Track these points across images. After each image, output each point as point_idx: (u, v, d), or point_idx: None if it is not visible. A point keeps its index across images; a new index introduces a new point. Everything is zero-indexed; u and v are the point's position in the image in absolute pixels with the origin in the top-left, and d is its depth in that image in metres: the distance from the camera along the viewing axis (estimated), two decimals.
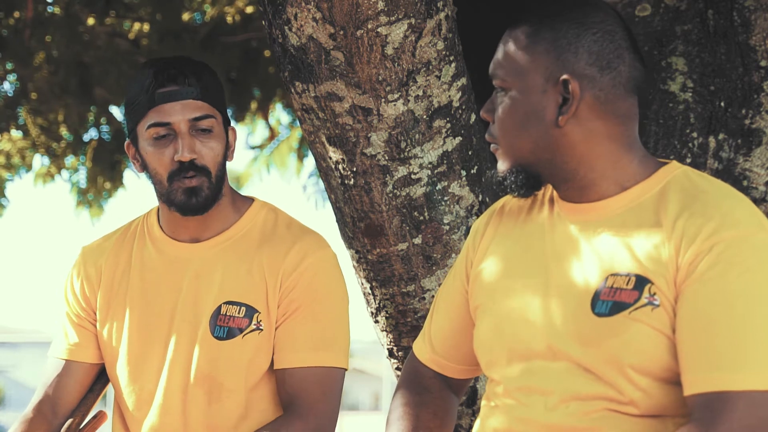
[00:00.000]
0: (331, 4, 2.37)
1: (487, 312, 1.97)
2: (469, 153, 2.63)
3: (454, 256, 2.66)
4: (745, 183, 2.71)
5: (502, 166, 1.93)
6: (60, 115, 5.37)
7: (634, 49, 1.89)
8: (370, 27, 2.41)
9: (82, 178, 5.76)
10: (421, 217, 2.63)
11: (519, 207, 2.03)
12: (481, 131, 2.63)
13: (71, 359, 2.49)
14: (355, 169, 2.59)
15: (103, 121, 5.60)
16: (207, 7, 5.36)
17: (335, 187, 2.66)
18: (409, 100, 2.51)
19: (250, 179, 7.33)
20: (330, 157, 2.62)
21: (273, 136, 6.76)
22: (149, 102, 2.36)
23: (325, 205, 6.90)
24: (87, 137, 5.63)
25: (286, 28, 2.45)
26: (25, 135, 5.46)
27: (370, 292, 2.79)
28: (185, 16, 5.30)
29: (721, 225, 1.76)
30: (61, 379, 2.48)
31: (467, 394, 2.77)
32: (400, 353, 2.82)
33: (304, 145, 6.51)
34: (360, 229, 2.67)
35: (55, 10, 5.14)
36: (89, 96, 5.27)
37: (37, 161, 5.78)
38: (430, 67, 2.50)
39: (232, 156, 2.47)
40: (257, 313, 2.39)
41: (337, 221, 2.77)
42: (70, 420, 2.47)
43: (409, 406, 2.09)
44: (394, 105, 2.51)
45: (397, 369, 2.86)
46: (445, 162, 2.60)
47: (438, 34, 2.48)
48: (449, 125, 2.58)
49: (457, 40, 2.56)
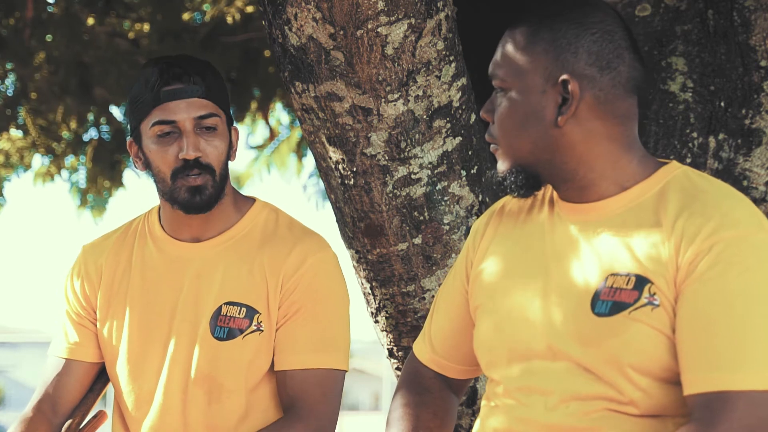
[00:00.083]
0: (331, 4, 2.37)
1: (487, 312, 1.97)
2: (469, 153, 2.63)
3: (454, 256, 2.66)
4: (745, 183, 2.71)
5: (501, 166, 1.93)
6: (60, 115, 5.37)
7: (633, 49, 1.89)
8: (370, 27, 2.41)
9: (81, 178, 5.77)
10: (421, 217, 2.63)
11: (519, 207, 2.03)
12: (481, 131, 2.63)
13: (71, 358, 2.49)
14: (355, 169, 2.59)
15: (103, 121, 5.60)
16: (207, 6, 5.36)
17: (335, 187, 2.66)
18: (409, 100, 2.51)
19: (250, 179, 7.33)
20: (330, 157, 2.62)
21: (273, 136, 6.76)
22: (154, 100, 2.36)
23: (324, 206, 6.90)
24: (87, 137, 5.64)
25: (286, 28, 2.45)
26: (25, 135, 5.46)
27: (370, 292, 2.78)
28: (185, 16, 5.29)
29: (721, 225, 1.76)
30: (61, 378, 2.48)
31: (467, 394, 2.77)
32: (400, 353, 2.82)
33: (304, 145, 6.50)
34: (360, 229, 2.67)
35: (55, 10, 5.14)
36: (89, 96, 5.26)
37: (37, 161, 5.79)
38: (430, 67, 2.50)
39: (235, 156, 2.46)
40: (258, 314, 2.38)
41: (337, 221, 2.77)
42: (70, 420, 2.47)
43: (409, 406, 2.09)
44: (394, 105, 2.51)
45: (397, 369, 2.86)
46: (445, 162, 2.60)
47: (438, 34, 2.48)
48: (449, 125, 2.58)
49: (457, 40, 2.56)
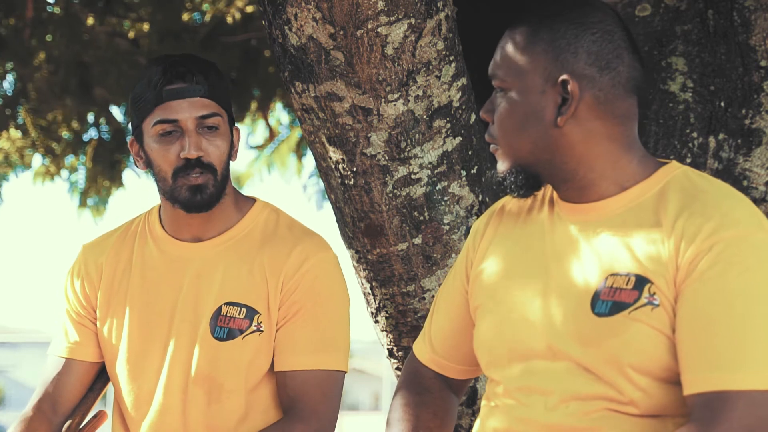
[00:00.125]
0: (331, 4, 2.37)
1: (487, 312, 1.97)
2: (469, 153, 2.63)
3: (454, 256, 2.66)
4: (745, 183, 2.71)
5: (501, 166, 1.93)
6: (59, 115, 5.36)
7: (633, 49, 1.89)
8: (370, 27, 2.41)
9: (81, 177, 5.76)
10: (421, 217, 2.63)
11: (519, 207, 2.03)
12: (481, 131, 2.63)
13: (71, 357, 2.49)
14: (355, 169, 2.59)
15: (102, 121, 5.60)
16: (207, 7, 5.36)
17: (335, 187, 2.66)
18: (409, 100, 2.51)
19: (250, 179, 7.32)
20: (330, 157, 2.62)
21: (273, 136, 6.75)
22: (156, 99, 2.36)
23: (324, 206, 6.90)
24: (87, 137, 5.63)
25: (286, 28, 2.45)
26: (25, 134, 5.46)
27: (370, 292, 2.78)
28: (185, 16, 5.29)
29: (721, 225, 1.76)
30: (61, 378, 2.48)
31: (467, 394, 2.77)
32: (400, 353, 2.82)
33: (304, 145, 6.50)
34: (360, 229, 2.67)
35: (55, 10, 5.13)
36: (89, 96, 5.26)
37: (37, 160, 5.79)
38: (430, 67, 2.50)
39: (236, 156, 2.46)
40: (258, 315, 2.38)
41: (337, 221, 2.77)
42: (70, 420, 2.47)
43: (409, 406, 2.09)
44: (394, 105, 2.51)
45: (397, 369, 2.86)
46: (445, 162, 2.60)
47: (438, 34, 2.48)
48: (449, 125, 2.58)
49: (457, 40, 2.56)
